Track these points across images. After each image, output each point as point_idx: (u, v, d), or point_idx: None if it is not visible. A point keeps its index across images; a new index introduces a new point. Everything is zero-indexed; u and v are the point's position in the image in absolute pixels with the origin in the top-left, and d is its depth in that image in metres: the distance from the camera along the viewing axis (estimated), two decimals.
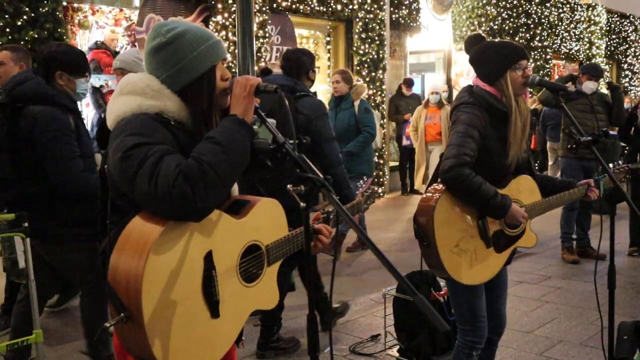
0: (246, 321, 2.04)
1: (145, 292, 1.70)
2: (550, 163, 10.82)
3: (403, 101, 11.75)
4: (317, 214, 2.24)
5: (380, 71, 11.76)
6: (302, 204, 1.88)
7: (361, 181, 2.53)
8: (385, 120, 11.86)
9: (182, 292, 1.79)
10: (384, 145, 11.73)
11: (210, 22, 9.30)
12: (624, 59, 21.04)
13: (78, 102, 3.95)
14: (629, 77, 21.03)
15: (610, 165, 3.21)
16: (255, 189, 2.20)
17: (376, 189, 2.75)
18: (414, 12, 12.98)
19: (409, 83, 12.06)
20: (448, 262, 2.91)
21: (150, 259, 1.70)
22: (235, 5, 6.11)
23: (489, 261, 3.04)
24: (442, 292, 4.30)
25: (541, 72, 15.93)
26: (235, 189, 2.07)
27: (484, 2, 15.30)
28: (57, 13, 7.41)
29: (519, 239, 3.11)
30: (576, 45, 17.90)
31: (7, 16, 6.98)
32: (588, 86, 6.62)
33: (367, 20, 11.49)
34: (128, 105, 1.88)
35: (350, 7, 11.25)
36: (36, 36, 7.14)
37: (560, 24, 17.08)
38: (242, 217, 1.97)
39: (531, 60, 15.87)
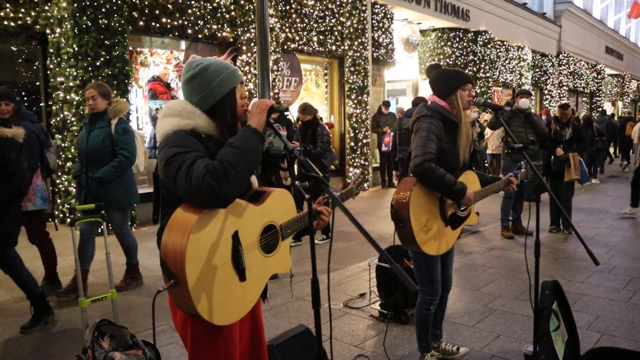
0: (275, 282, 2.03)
1: (187, 262, 1.70)
2: None
3: (382, 118, 11.72)
4: (320, 198, 2.18)
5: (365, 95, 11.74)
6: (307, 196, 1.87)
7: (354, 172, 2.51)
8: (369, 132, 11.85)
9: (216, 262, 1.78)
10: (368, 151, 11.72)
11: (238, 60, 9.29)
12: (545, 87, 21.04)
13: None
14: (548, 99, 21.04)
15: (522, 163, 3.27)
16: (271, 183, 2.18)
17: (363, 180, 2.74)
18: (390, 51, 12.96)
19: (387, 104, 12.02)
20: (419, 238, 2.91)
21: (190, 237, 1.70)
22: (256, 48, 6.10)
23: (447, 236, 3.05)
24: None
25: (485, 95, 15.91)
26: (255, 182, 2.04)
27: (442, 44, 15.29)
28: (125, 55, 7.42)
29: (466, 219, 3.13)
30: (510, 76, 17.87)
31: (89, 58, 7.02)
32: (524, 103, 6.65)
33: (354, 57, 11.47)
34: (170, 125, 1.87)
35: (342, 47, 11.24)
36: (110, 72, 7.17)
37: (498, 60, 17.05)
38: (260, 204, 1.94)
39: (477, 87, 15.85)
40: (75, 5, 6.90)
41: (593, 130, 13.19)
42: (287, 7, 10.06)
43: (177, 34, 8.42)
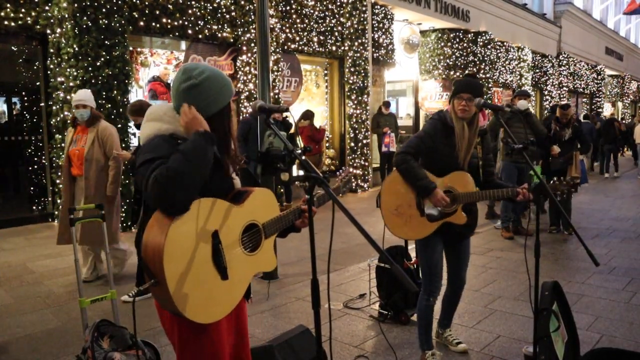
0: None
1: (166, 261, 1.71)
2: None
3: (382, 118, 11.71)
4: (304, 198, 2.20)
5: (365, 96, 11.73)
6: (307, 196, 1.87)
7: (341, 169, 2.49)
8: (369, 132, 11.84)
9: (196, 261, 1.79)
10: (368, 151, 11.71)
11: (238, 60, 9.29)
12: (545, 87, 21.04)
13: None
14: (549, 100, 21.03)
15: (553, 181, 3.09)
16: (254, 182, 2.20)
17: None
18: (390, 52, 12.96)
19: (387, 104, 12.01)
20: (387, 220, 3.28)
21: (169, 236, 1.71)
22: (256, 48, 6.10)
23: (420, 226, 3.20)
24: (412, 262, 4.29)
25: (485, 96, 15.91)
26: (238, 183, 2.07)
27: (442, 45, 15.29)
28: (125, 56, 7.42)
29: (450, 216, 3.18)
30: (510, 77, 17.86)
31: (89, 58, 7.02)
32: (521, 104, 6.71)
33: (355, 58, 11.47)
34: (151, 129, 1.90)
35: (342, 48, 11.24)
36: (110, 73, 7.16)
37: (498, 61, 17.04)
38: (241, 204, 1.96)
39: None
40: (76, 5, 6.90)
41: (615, 130, 13.75)
42: (288, 8, 10.06)
43: (177, 34, 8.42)
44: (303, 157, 1.93)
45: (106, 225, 4.20)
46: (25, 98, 7.97)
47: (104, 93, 7.12)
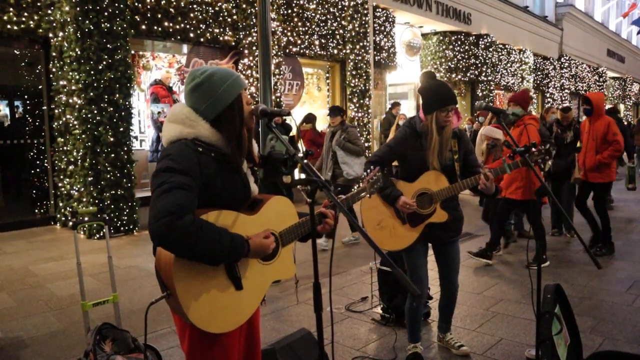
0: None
1: (175, 272, 1.71)
2: None
3: (394, 119, 11.69)
4: (325, 202, 2.15)
5: (367, 99, 11.74)
6: (309, 200, 1.87)
7: (368, 170, 2.42)
8: (371, 135, 11.83)
9: (208, 272, 1.78)
10: (369, 154, 11.70)
11: (239, 63, 9.31)
12: (547, 90, 21.05)
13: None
14: (550, 102, 21.03)
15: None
16: (275, 186, 2.20)
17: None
18: (392, 55, 12.98)
19: (398, 105, 11.99)
20: (373, 235, 3.21)
21: None
22: (258, 51, 6.12)
23: (405, 233, 3.21)
24: None
25: (486, 99, 15.92)
26: (255, 189, 2.04)
27: (443, 47, 15.32)
28: (128, 59, 7.43)
29: (430, 217, 3.20)
30: (512, 79, 17.89)
31: (91, 62, 7.03)
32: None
33: (356, 61, 11.49)
34: (173, 131, 1.85)
35: (344, 51, 11.27)
36: (112, 76, 7.18)
37: (500, 63, 17.07)
38: (255, 214, 1.94)
39: (478, 91, 15.85)
40: (78, 9, 6.93)
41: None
42: (289, 11, 10.09)
43: (179, 37, 8.45)
44: (305, 161, 1.93)
45: None
46: (28, 101, 8.00)
47: (106, 97, 7.14)
